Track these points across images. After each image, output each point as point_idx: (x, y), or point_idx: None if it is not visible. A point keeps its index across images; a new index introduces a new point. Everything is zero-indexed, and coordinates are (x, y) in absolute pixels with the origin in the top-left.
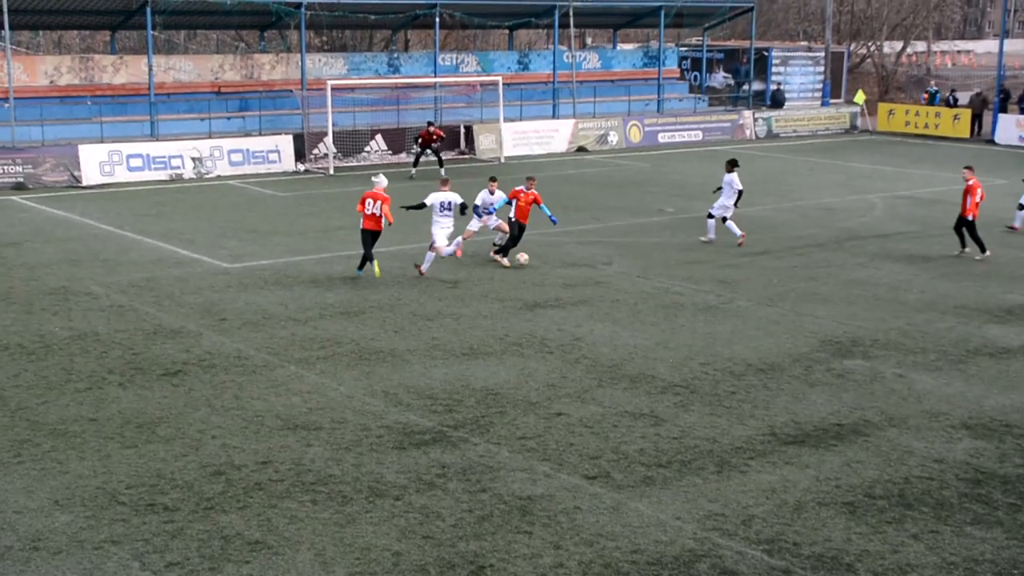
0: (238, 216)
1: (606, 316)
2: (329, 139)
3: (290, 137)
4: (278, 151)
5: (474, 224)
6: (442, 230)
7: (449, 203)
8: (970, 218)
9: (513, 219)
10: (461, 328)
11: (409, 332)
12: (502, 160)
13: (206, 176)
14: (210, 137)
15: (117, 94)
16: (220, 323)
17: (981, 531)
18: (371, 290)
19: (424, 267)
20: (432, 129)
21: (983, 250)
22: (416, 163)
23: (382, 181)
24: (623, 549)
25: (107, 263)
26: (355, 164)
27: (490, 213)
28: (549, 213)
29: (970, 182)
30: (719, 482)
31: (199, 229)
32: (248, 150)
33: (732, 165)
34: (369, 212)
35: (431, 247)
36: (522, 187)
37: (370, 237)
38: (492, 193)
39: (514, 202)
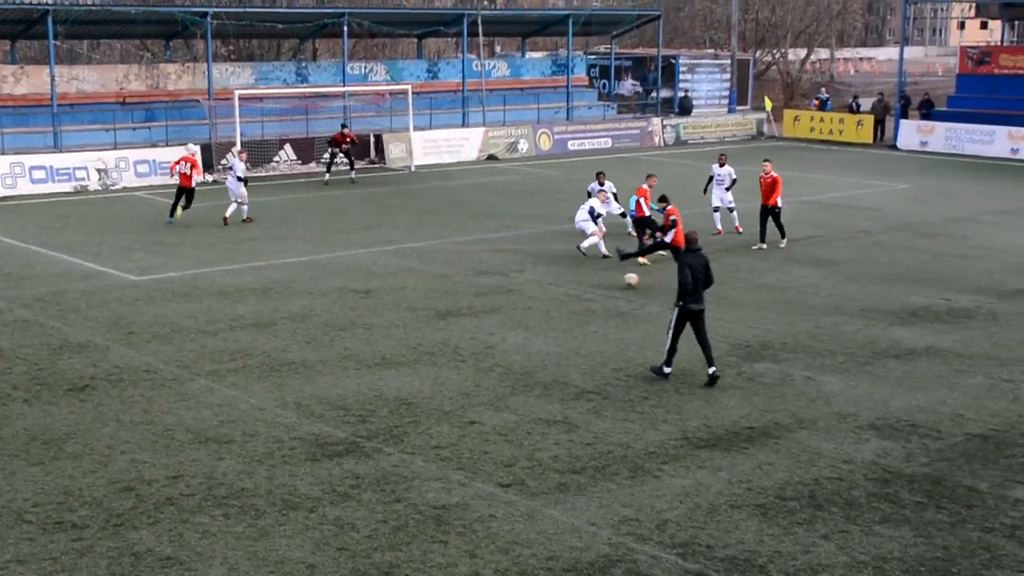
0: (145, 228)
1: (518, 323)
2: (236, 146)
3: (198, 148)
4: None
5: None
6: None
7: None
8: (774, 207)
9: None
10: (373, 338)
11: (321, 343)
12: (412, 169)
13: (112, 188)
14: (115, 148)
15: (18, 105)
16: (128, 337)
17: (889, 530)
18: (281, 300)
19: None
20: (345, 132)
21: (783, 236)
22: (329, 168)
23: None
24: (539, 556)
25: (10, 277)
26: (264, 174)
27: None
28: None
29: (772, 174)
30: (633, 487)
31: (105, 241)
32: (154, 161)
33: (724, 158)
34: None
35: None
36: (645, 186)
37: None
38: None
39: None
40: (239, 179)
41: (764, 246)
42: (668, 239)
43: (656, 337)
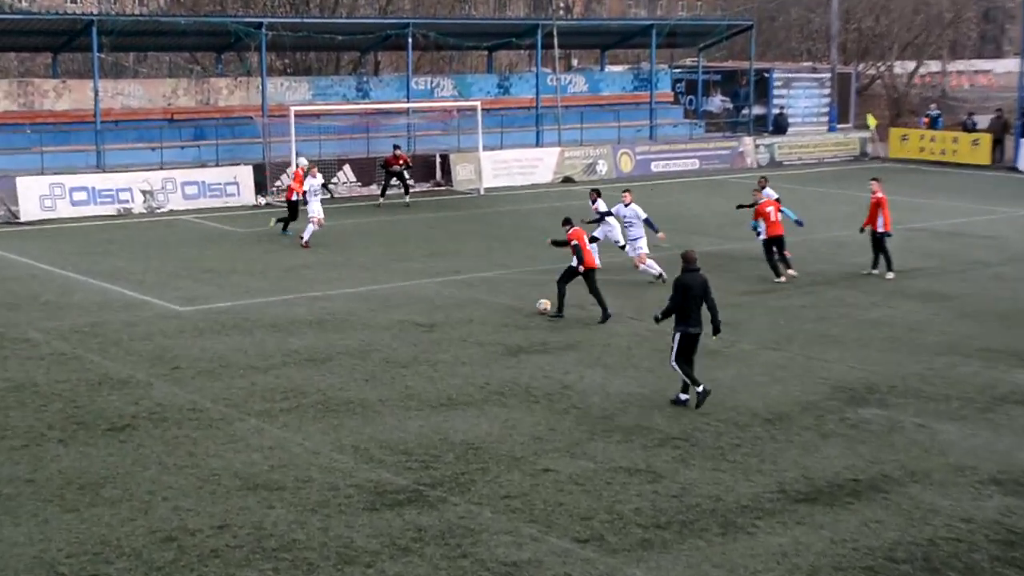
0: (193, 254)
1: (597, 361)
2: (291, 169)
3: (250, 168)
4: (237, 183)
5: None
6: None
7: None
8: (883, 232)
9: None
10: (438, 376)
11: (381, 381)
12: (481, 192)
13: (158, 211)
14: (162, 168)
15: (60, 121)
16: (172, 372)
17: None
18: (338, 334)
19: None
20: (398, 153)
21: (889, 268)
22: (384, 191)
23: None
24: None
25: (48, 306)
26: (322, 197)
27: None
28: (794, 216)
29: (878, 195)
30: (724, 545)
31: (150, 269)
32: (204, 182)
33: (765, 181)
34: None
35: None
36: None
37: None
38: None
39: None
40: (312, 196)
41: (875, 271)
42: (577, 265)
43: (750, 378)
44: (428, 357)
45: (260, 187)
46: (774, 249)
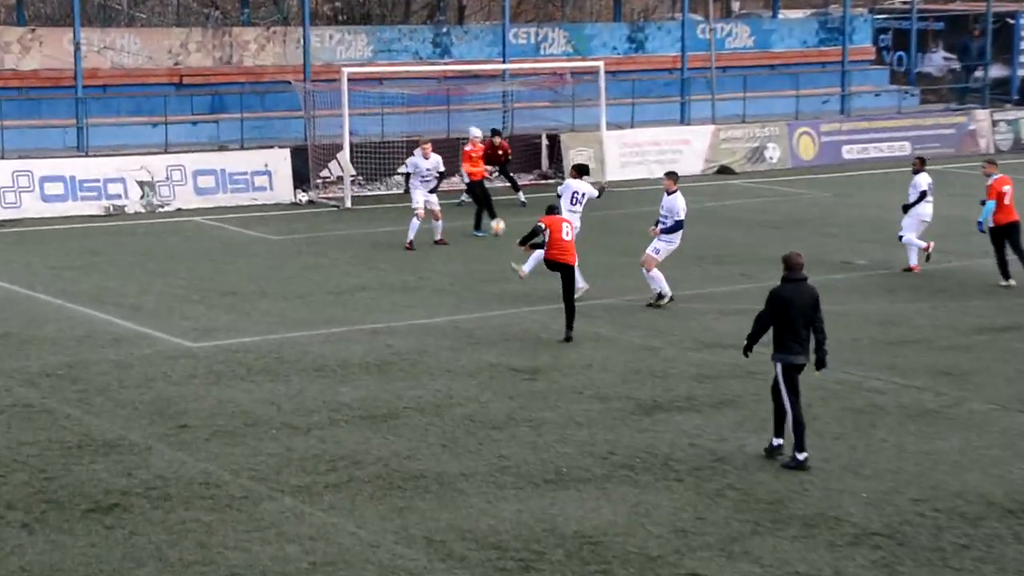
0: (208, 270)
1: (763, 424)
2: (345, 155)
3: (287, 152)
4: (269, 173)
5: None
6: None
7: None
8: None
9: None
10: (543, 442)
11: (464, 447)
12: (604, 186)
13: (160, 210)
14: (166, 152)
15: (26, 85)
16: (179, 432)
17: None
18: (406, 382)
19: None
20: (498, 141)
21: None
22: (517, 185)
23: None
24: None
25: (9, 340)
26: (383, 192)
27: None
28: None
29: (995, 177)
30: None
31: (149, 289)
32: (224, 171)
33: (922, 163)
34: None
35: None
36: None
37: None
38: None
39: None
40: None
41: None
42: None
43: (983, 451)
44: (529, 415)
45: (301, 178)
46: (1005, 241)
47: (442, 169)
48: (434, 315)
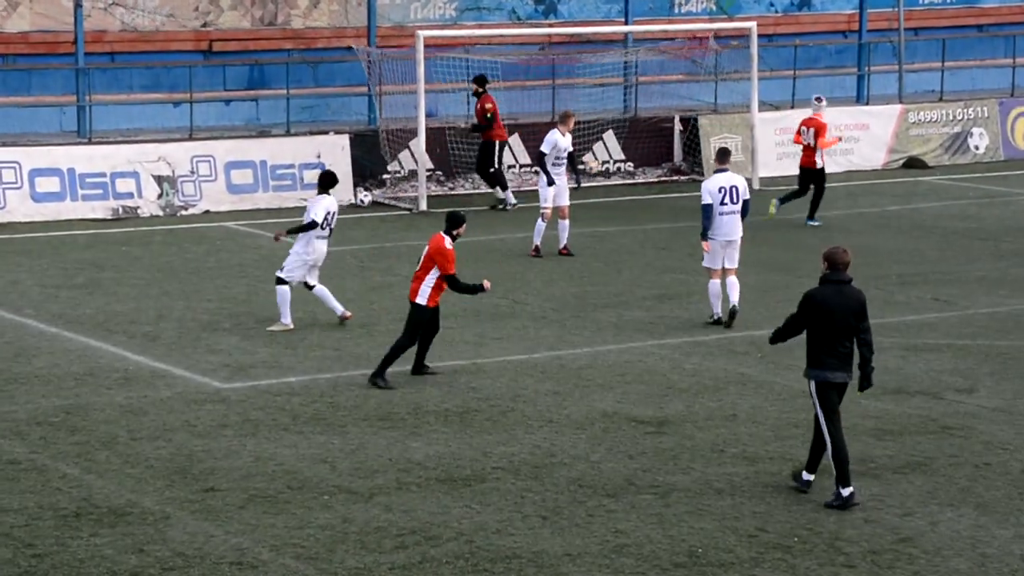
0: (243, 290)
1: (965, 496)
2: (420, 142)
3: (345, 140)
4: (322, 166)
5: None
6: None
7: None
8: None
9: None
10: (672, 514)
11: (570, 519)
12: (755, 185)
13: (183, 212)
14: (191, 138)
15: (13, 52)
16: (204, 497)
17: None
18: (496, 434)
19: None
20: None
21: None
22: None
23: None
24: None
25: None
26: (470, 191)
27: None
28: None
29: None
30: None
31: (168, 315)
32: (264, 164)
33: None
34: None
35: None
36: None
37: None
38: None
39: None
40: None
41: None
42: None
43: None
44: (655, 479)
45: (363, 172)
46: None
47: (571, 149)
48: (533, 350)
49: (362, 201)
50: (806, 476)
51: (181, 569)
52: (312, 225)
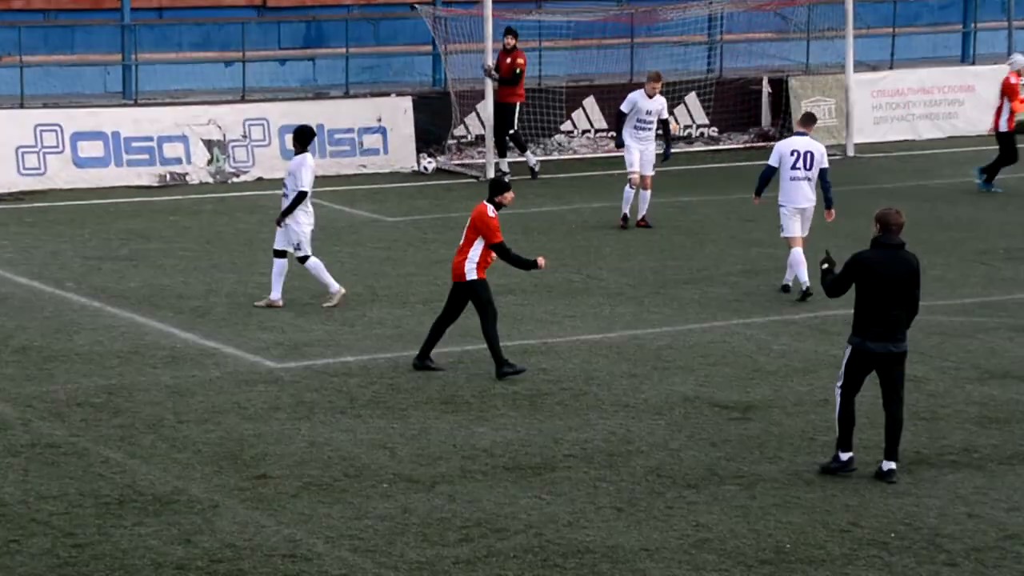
0: (296, 263)
1: None
2: (488, 105)
3: (407, 102)
4: (383, 131)
5: None
6: None
7: None
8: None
9: None
10: (757, 506)
11: (648, 511)
12: (849, 152)
13: (235, 180)
14: (243, 100)
15: (55, 7)
16: (255, 485)
17: None
18: (566, 418)
19: None
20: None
21: None
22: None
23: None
24: None
25: (28, 357)
26: (541, 157)
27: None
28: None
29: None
30: None
31: (218, 289)
32: (322, 128)
33: None
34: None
35: None
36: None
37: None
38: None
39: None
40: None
41: None
42: None
43: None
44: (739, 469)
45: (427, 138)
46: None
47: (666, 116)
48: (608, 329)
49: (425, 168)
50: (842, 456)
51: (230, 561)
52: (303, 196)
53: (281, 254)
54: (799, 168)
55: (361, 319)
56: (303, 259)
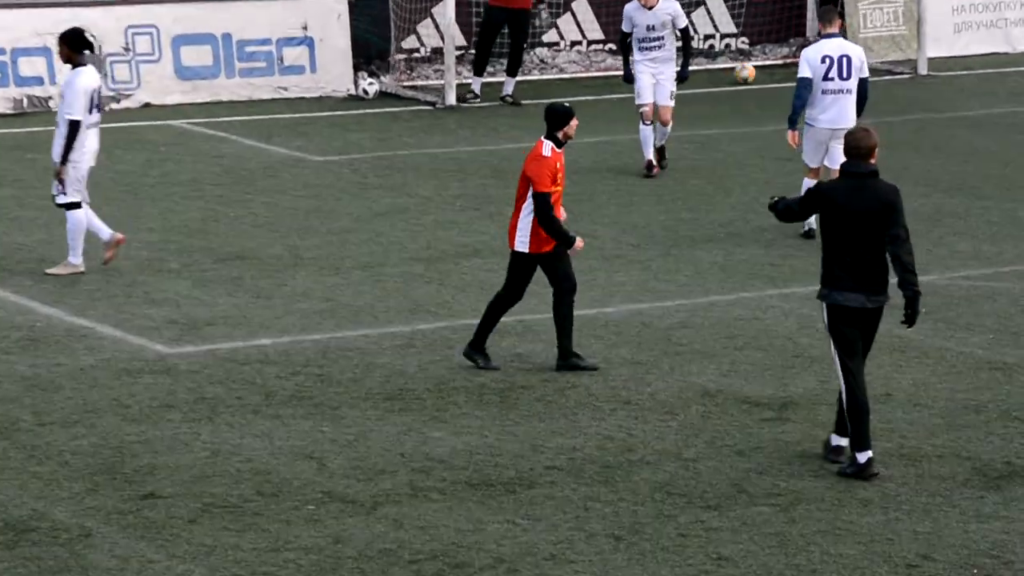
0: (198, 216)
1: None
2: (448, 9)
3: (343, 5)
4: (310, 42)
5: None
6: None
7: None
8: None
9: None
10: (797, 532)
11: (653, 539)
12: (922, 70)
13: (114, 106)
14: (125, 1)
15: None
16: (141, 506)
17: None
18: (549, 421)
19: None
20: None
21: None
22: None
23: None
24: None
25: None
26: (519, 77)
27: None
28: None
29: None
30: None
31: (90, 249)
32: (228, 38)
33: None
34: None
35: None
36: None
37: None
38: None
39: None
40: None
41: None
42: None
43: None
44: (774, 485)
45: (367, 52)
46: None
47: (684, 23)
48: (604, 302)
49: (365, 92)
50: (835, 441)
51: None
52: (76, 126)
53: (75, 205)
54: (833, 79)
55: (280, 290)
56: (67, 206)
